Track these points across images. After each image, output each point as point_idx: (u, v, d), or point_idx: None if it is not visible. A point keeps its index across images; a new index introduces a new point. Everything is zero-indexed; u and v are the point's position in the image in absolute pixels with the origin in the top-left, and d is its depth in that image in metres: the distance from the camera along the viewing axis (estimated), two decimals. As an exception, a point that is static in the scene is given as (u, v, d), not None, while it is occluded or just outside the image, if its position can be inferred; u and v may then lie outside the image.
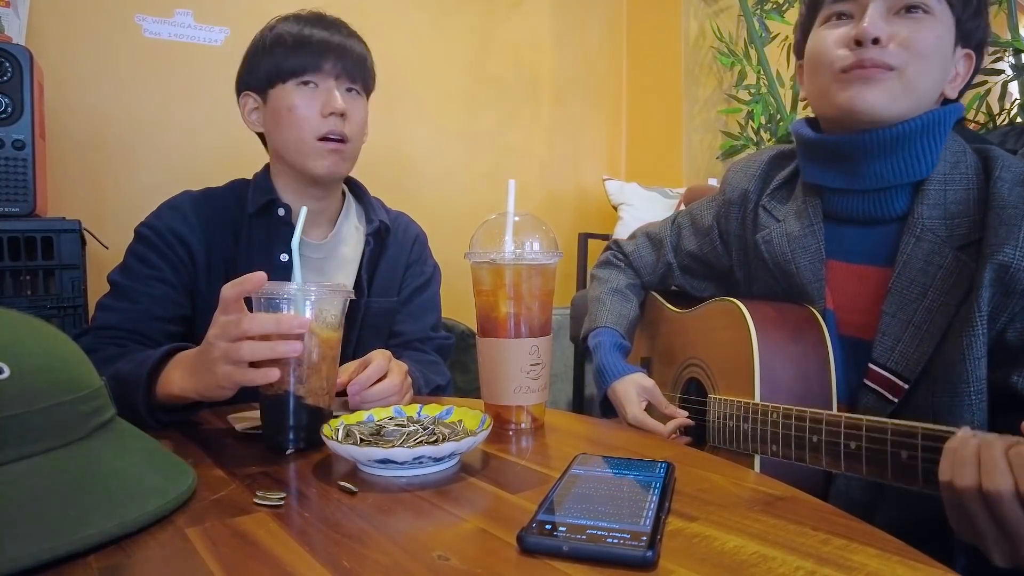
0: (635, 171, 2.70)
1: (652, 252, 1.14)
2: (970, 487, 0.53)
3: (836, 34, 0.79)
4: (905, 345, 0.78)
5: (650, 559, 0.43)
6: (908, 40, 0.75)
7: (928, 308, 0.76)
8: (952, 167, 0.79)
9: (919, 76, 0.76)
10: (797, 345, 0.84)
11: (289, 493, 0.57)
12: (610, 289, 1.11)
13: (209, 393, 0.69)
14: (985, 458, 0.53)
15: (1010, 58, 1.73)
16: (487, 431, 0.65)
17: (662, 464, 0.59)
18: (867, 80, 0.76)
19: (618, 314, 1.08)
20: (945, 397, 0.74)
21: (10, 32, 1.34)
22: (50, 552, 0.43)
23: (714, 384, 0.94)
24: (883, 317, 0.79)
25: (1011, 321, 0.72)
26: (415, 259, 1.17)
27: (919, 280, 0.77)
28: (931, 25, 0.76)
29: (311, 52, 0.98)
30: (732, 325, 0.89)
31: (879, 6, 0.76)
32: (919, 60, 0.76)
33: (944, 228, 0.77)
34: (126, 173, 1.71)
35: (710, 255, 1.05)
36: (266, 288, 0.67)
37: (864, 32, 0.75)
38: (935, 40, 0.76)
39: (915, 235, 0.78)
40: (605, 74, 2.70)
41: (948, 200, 0.77)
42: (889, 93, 0.76)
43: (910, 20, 0.76)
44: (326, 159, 1.00)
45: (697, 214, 1.08)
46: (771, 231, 0.92)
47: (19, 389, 0.48)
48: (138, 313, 0.94)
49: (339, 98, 0.98)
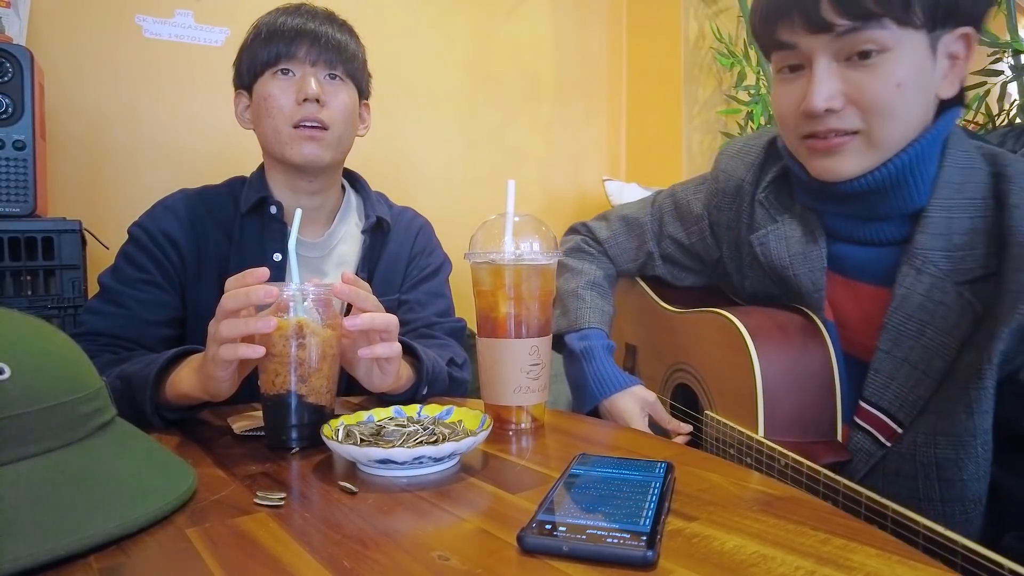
0: (635, 172, 2.70)
1: (630, 239, 1.04)
2: None
3: (789, 94, 0.72)
4: (900, 385, 0.72)
5: (650, 559, 0.43)
6: (863, 98, 0.66)
7: (926, 347, 0.70)
8: (957, 190, 0.70)
9: (886, 130, 0.68)
10: (801, 367, 0.79)
11: (289, 493, 0.57)
12: (588, 283, 1.02)
13: (210, 385, 0.70)
14: None
15: (1009, 59, 1.73)
16: (487, 431, 0.65)
17: (662, 464, 0.59)
18: (831, 151, 0.70)
19: (601, 311, 1.00)
20: (949, 451, 0.68)
21: (10, 32, 1.34)
22: (50, 552, 0.43)
23: (710, 399, 0.90)
24: (877, 354, 0.73)
25: None
26: (419, 250, 1.13)
27: (917, 316, 0.70)
28: (890, 67, 0.66)
29: (285, 40, 0.97)
30: (731, 345, 0.83)
31: (825, 63, 0.67)
32: (881, 116, 0.67)
33: (947, 261, 0.69)
34: (126, 173, 1.71)
35: (698, 245, 0.97)
36: None
37: (812, 106, 0.67)
38: (896, 86, 0.66)
39: (915, 267, 0.70)
40: (605, 74, 2.70)
41: (953, 230, 0.69)
42: (857, 157, 0.69)
43: (863, 69, 0.66)
44: (303, 146, 0.97)
45: (682, 200, 0.98)
46: (768, 232, 0.85)
47: (20, 389, 0.48)
48: (127, 319, 0.93)
49: (313, 84, 0.96)
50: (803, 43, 0.67)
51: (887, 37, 0.64)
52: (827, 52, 0.66)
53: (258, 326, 0.66)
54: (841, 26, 0.64)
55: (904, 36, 0.65)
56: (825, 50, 0.66)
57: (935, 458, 0.70)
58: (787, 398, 0.78)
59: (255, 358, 0.67)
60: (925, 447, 0.71)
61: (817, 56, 0.67)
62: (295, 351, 0.68)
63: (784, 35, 0.68)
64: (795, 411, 0.78)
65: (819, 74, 0.66)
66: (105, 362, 0.85)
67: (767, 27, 0.71)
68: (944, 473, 0.69)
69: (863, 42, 0.65)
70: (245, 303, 0.66)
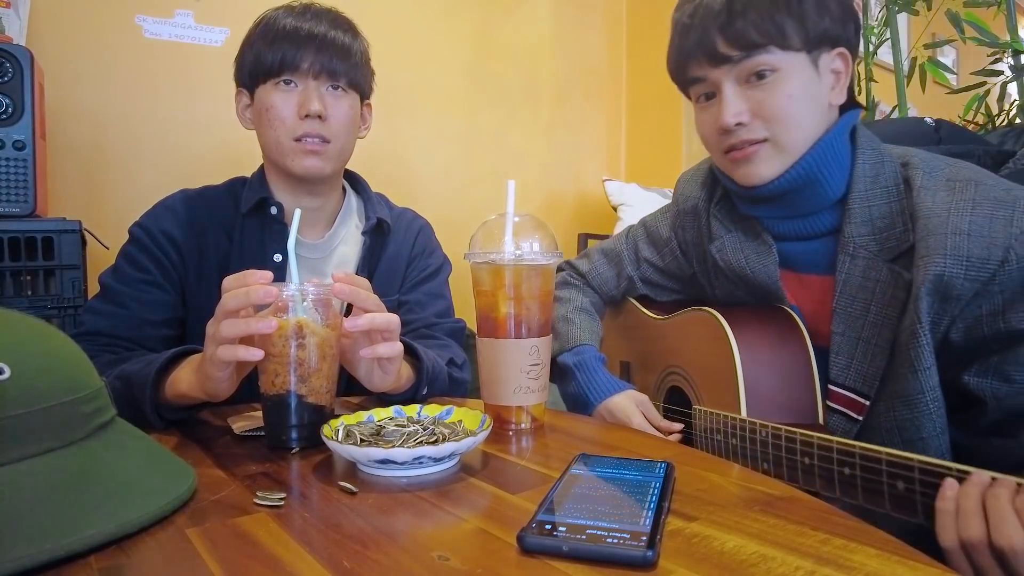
0: (635, 172, 2.70)
1: (610, 268, 1.15)
2: (979, 541, 0.51)
3: (709, 119, 0.84)
4: (859, 362, 0.80)
5: (650, 559, 0.43)
6: (764, 111, 0.79)
7: (873, 322, 0.79)
8: (872, 182, 0.81)
9: (789, 135, 0.80)
10: (779, 352, 0.85)
11: (289, 493, 0.57)
12: (575, 308, 1.11)
13: (209, 385, 0.70)
14: (992, 509, 0.51)
15: (1009, 59, 1.73)
16: (487, 431, 0.65)
17: (662, 464, 0.59)
18: (747, 159, 0.82)
19: (591, 331, 1.09)
20: (905, 411, 0.76)
21: (10, 32, 1.34)
22: (50, 552, 0.43)
23: (697, 395, 0.94)
24: (833, 337, 0.82)
25: (952, 323, 0.73)
26: (419, 252, 1.13)
27: (860, 296, 0.80)
28: (781, 84, 0.79)
29: (289, 47, 0.95)
30: (712, 336, 0.89)
31: (731, 87, 0.80)
32: (782, 123, 0.80)
33: (875, 243, 0.79)
34: (126, 173, 1.71)
35: (671, 265, 1.08)
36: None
37: (724, 123, 0.80)
38: (788, 98, 0.79)
39: (849, 253, 0.81)
40: (605, 74, 2.71)
41: (873, 216, 0.80)
42: (769, 161, 0.81)
43: (761, 88, 0.79)
44: (304, 160, 0.97)
45: (652, 226, 1.10)
46: (724, 241, 0.95)
47: (20, 390, 0.48)
48: (127, 319, 0.93)
49: (315, 100, 0.95)
50: (711, 75, 0.81)
51: (775, 60, 0.78)
52: (730, 78, 0.80)
53: (258, 327, 0.66)
54: (736, 56, 0.78)
55: (788, 58, 0.79)
56: (728, 77, 0.80)
57: (895, 421, 0.77)
58: (767, 381, 0.84)
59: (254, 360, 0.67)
60: (887, 412, 0.78)
61: (723, 83, 0.80)
62: (295, 351, 0.68)
63: (695, 72, 0.83)
64: (776, 394, 0.83)
65: (727, 97, 0.80)
66: (105, 362, 0.85)
67: (681, 67, 0.85)
68: (905, 434, 0.76)
69: (757, 66, 0.79)
70: (245, 303, 0.66)
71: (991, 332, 0.71)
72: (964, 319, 0.73)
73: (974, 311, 0.72)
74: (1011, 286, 0.70)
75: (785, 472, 0.74)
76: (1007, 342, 0.71)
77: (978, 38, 1.71)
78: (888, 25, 1.95)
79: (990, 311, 0.71)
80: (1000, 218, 0.70)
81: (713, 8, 0.79)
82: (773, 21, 0.77)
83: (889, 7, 1.91)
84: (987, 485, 0.54)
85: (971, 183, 0.74)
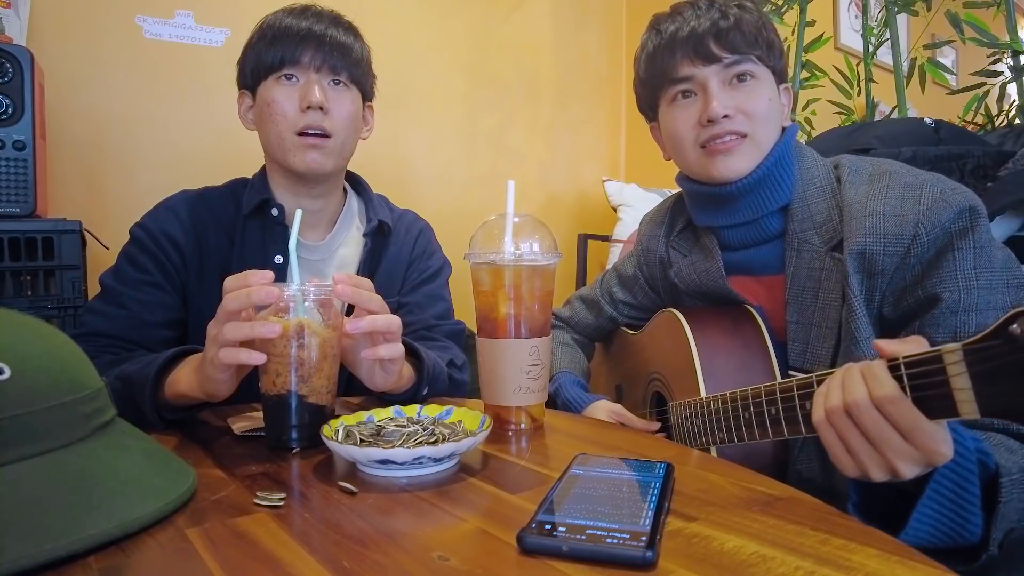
0: (634, 172, 2.70)
1: (590, 312, 1.25)
2: (836, 406, 0.58)
3: (686, 115, 0.91)
4: (813, 346, 0.86)
5: (650, 559, 0.43)
6: (747, 109, 0.88)
7: (821, 308, 0.85)
8: (810, 182, 0.90)
9: (764, 134, 0.89)
10: (735, 338, 0.91)
11: (289, 493, 0.57)
12: (557, 343, 1.20)
13: (208, 385, 0.70)
14: (846, 379, 0.59)
15: (1008, 60, 1.73)
16: (487, 431, 0.65)
17: (662, 464, 0.59)
18: (727, 151, 0.88)
19: (571, 360, 1.18)
20: None
21: (11, 33, 1.34)
22: (50, 552, 0.43)
23: (671, 392, 0.97)
24: (789, 326, 0.89)
25: (884, 298, 0.80)
26: (419, 254, 1.14)
27: (808, 286, 0.87)
28: (760, 88, 0.89)
29: (290, 43, 0.96)
30: (673, 333, 0.96)
31: (716, 83, 0.88)
32: (761, 122, 0.88)
33: (816, 237, 0.87)
34: (126, 174, 1.71)
35: (644, 300, 1.17)
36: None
37: (714, 112, 0.87)
38: (767, 101, 0.89)
39: (795, 249, 0.89)
40: (605, 75, 2.71)
41: (812, 213, 0.88)
42: (746, 156, 0.88)
43: (743, 89, 0.88)
44: (306, 154, 0.97)
45: (621, 269, 1.21)
46: (680, 264, 1.05)
47: (20, 390, 0.48)
48: (128, 319, 0.93)
49: (317, 91, 0.95)
50: (699, 73, 0.89)
51: (755, 69, 0.89)
52: (717, 77, 0.88)
53: (262, 331, 0.66)
54: (727, 59, 0.87)
55: (765, 72, 0.90)
56: (715, 76, 0.88)
57: None
58: (724, 364, 0.89)
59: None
60: None
61: (710, 80, 0.88)
62: (295, 351, 0.68)
63: (683, 70, 0.90)
64: (734, 375, 0.88)
65: (715, 91, 0.87)
66: (105, 362, 0.85)
67: (668, 64, 0.91)
68: None
69: (742, 70, 0.88)
70: (246, 304, 0.66)
71: (914, 301, 0.77)
72: (892, 292, 0.79)
73: (899, 283, 0.78)
74: (926, 257, 0.76)
75: (735, 435, 0.78)
76: (926, 307, 0.76)
77: (977, 39, 1.71)
78: (888, 26, 1.95)
79: (912, 281, 0.77)
80: (910, 199, 0.78)
81: (706, 21, 0.89)
82: (757, 39, 0.88)
83: (889, 8, 1.91)
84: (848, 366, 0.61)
85: (887, 174, 0.83)
